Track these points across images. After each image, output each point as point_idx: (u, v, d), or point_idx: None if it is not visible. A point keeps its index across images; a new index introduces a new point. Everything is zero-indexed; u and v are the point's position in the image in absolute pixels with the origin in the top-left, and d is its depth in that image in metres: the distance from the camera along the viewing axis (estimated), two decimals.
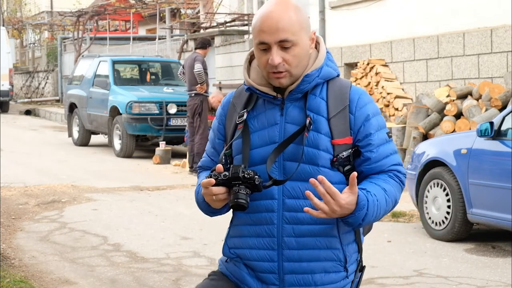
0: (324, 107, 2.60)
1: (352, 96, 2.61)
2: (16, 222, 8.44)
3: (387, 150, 2.64)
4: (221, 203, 2.56)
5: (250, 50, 2.74)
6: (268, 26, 2.52)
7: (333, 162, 2.58)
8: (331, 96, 2.61)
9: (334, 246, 2.62)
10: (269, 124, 2.62)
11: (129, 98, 14.51)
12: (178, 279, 6.23)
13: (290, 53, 2.54)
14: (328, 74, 2.63)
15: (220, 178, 2.49)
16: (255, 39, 2.57)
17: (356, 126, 2.59)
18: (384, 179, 2.61)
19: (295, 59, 2.55)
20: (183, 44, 21.51)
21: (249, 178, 2.48)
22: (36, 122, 23.30)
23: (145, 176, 12.12)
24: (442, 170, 7.63)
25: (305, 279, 2.62)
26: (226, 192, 2.52)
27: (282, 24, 2.52)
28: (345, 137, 2.58)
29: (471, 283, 6.14)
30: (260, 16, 2.56)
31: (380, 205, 2.55)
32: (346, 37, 14.58)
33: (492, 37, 11.39)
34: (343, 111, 2.59)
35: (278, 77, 2.55)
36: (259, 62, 2.58)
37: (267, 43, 2.53)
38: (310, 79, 2.58)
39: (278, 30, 2.51)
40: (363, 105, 2.61)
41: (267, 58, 2.54)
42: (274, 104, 2.63)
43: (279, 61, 2.52)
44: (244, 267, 2.68)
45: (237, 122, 2.65)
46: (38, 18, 38.29)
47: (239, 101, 2.70)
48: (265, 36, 2.53)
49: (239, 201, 2.47)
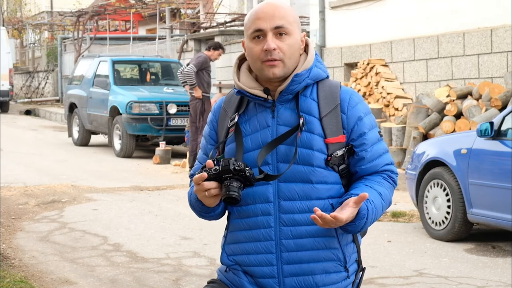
0: (316, 108, 2.61)
1: (343, 96, 2.63)
2: (16, 222, 8.44)
3: (380, 149, 2.66)
4: (213, 200, 2.53)
5: (239, 55, 2.74)
6: (264, 13, 2.56)
7: (328, 161, 2.58)
8: (321, 96, 2.62)
9: (333, 246, 2.62)
10: (261, 127, 2.62)
11: (129, 98, 14.51)
12: (178, 279, 6.23)
13: (285, 42, 2.56)
14: (318, 75, 2.64)
15: (211, 173, 2.48)
16: (249, 29, 2.59)
17: (348, 125, 2.61)
18: (379, 181, 2.64)
19: (289, 49, 2.57)
20: (183, 44, 21.51)
21: (240, 170, 2.47)
22: (36, 122, 23.29)
23: (145, 176, 12.12)
24: (442, 170, 7.63)
25: (306, 281, 2.61)
26: (218, 187, 2.50)
27: (278, 12, 2.57)
28: (338, 136, 2.59)
29: (471, 283, 6.14)
30: (254, 9, 2.61)
31: (377, 210, 2.59)
32: (346, 37, 14.58)
33: (492, 37, 11.39)
34: (334, 110, 2.60)
35: (272, 65, 2.56)
36: (252, 53, 2.59)
37: (263, 30, 2.55)
38: (300, 79, 2.59)
39: (274, 17, 2.56)
40: (355, 105, 2.63)
41: (261, 46, 2.56)
42: (265, 107, 2.63)
43: (274, 46, 2.54)
44: (244, 275, 2.66)
45: (229, 126, 2.65)
46: (38, 18, 38.29)
47: (230, 105, 2.70)
48: (261, 23, 2.56)
49: (231, 193, 2.46)
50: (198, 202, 2.61)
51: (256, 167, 2.56)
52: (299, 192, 2.57)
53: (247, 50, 2.62)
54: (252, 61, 2.61)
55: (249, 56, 2.62)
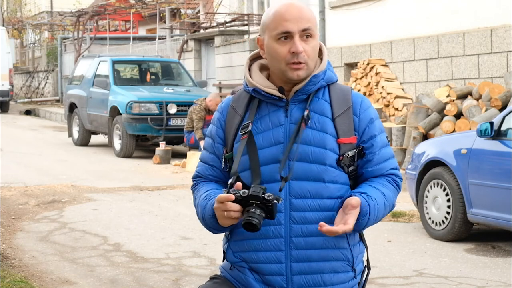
0: (328, 108, 2.64)
1: (355, 99, 2.68)
2: (16, 222, 8.44)
3: (387, 153, 2.71)
4: (229, 222, 2.52)
5: (250, 55, 2.75)
6: (291, 15, 2.56)
7: (340, 161, 2.61)
8: (334, 98, 2.66)
9: (343, 246, 2.64)
10: (274, 125, 2.63)
11: (129, 98, 14.51)
12: (178, 279, 6.23)
13: (310, 44, 2.58)
14: (331, 78, 2.68)
15: (238, 195, 2.47)
16: (274, 30, 2.57)
17: (360, 127, 2.65)
18: (383, 183, 2.67)
19: (313, 51, 2.60)
20: (183, 44, 21.51)
21: (268, 200, 2.47)
22: (36, 122, 23.30)
23: (145, 176, 12.12)
24: (442, 170, 7.62)
25: (314, 280, 2.62)
26: (240, 211, 2.49)
27: (305, 14, 2.58)
28: (350, 137, 2.63)
29: (471, 283, 6.14)
30: (278, 9, 2.59)
31: (380, 208, 2.61)
32: (346, 37, 14.58)
33: (492, 37, 11.39)
34: (347, 112, 2.64)
35: (297, 68, 2.57)
36: (277, 54, 2.58)
37: (290, 32, 2.56)
38: (316, 80, 2.63)
39: (302, 19, 2.56)
40: (366, 108, 2.69)
41: (287, 48, 2.56)
42: (278, 106, 2.65)
43: (302, 49, 2.56)
44: (250, 273, 2.66)
45: (241, 133, 2.64)
46: (38, 18, 38.30)
47: (239, 104, 2.70)
48: (288, 25, 2.56)
49: (253, 220, 2.44)
50: (213, 220, 2.59)
51: (266, 165, 2.59)
52: (311, 190, 2.59)
53: (269, 50, 2.61)
54: (275, 62, 2.61)
55: (271, 57, 2.61)
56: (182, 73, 16.68)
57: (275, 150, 2.60)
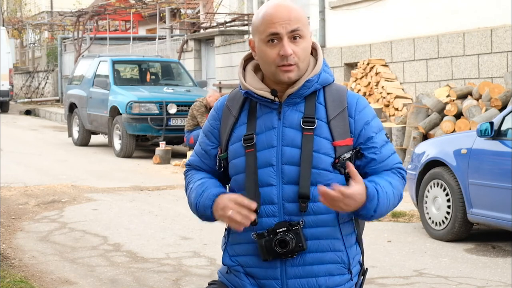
0: (323, 111, 2.60)
1: (350, 100, 2.63)
2: (16, 222, 8.44)
3: (389, 150, 2.67)
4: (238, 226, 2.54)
5: (244, 55, 2.72)
6: (280, 17, 2.52)
7: (335, 164, 2.57)
8: (329, 100, 2.62)
9: (338, 248, 2.61)
10: (267, 128, 2.60)
11: (129, 98, 14.51)
12: (178, 279, 6.23)
13: (299, 46, 2.54)
14: (326, 79, 2.64)
15: (264, 238, 2.56)
16: (263, 33, 2.54)
17: (356, 129, 2.61)
18: (388, 174, 2.64)
19: (303, 53, 2.56)
20: (183, 44, 21.51)
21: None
22: (36, 122, 23.30)
23: (145, 176, 12.12)
24: (442, 170, 7.62)
25: (309, 283, 2.59)
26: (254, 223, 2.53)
27: (293, 15, 2.54)
28: (346, 139, 2.59)
29: (471, 283, 6.14)
30: (266, 11, 2.55)
31: (389, 196, 2.56)
32: (346, 37, 14.58)
33: (492, 37, 11.39)
34: (342, 113, 2.60)
35: (287, 70, 2.54)
36: (266, 57, 2.55)
37: (279, 34, 2.52)
38: (310, 84, 2.59)
39: (290, 20, 2.52)
40: (362, 109, 2.63)
41: (276, 51, 2.53)
42: (271, 109, 2.61)
43: (291, 51, 2.52)
44: (246, 277, 2.65)
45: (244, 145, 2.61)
46: (38, 18, 38.30)
47: (233, 104, 2.68)
48: (277, 27, 2.52)
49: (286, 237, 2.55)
50: (208, 210, 2.62)
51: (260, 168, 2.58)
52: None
53: (259, 53, 2.58)
54: (265, 65, 2.58)
55: (261, 59, 2.59)
56: (182, 73, 16.68)
57: (268, 153, 2.58)
